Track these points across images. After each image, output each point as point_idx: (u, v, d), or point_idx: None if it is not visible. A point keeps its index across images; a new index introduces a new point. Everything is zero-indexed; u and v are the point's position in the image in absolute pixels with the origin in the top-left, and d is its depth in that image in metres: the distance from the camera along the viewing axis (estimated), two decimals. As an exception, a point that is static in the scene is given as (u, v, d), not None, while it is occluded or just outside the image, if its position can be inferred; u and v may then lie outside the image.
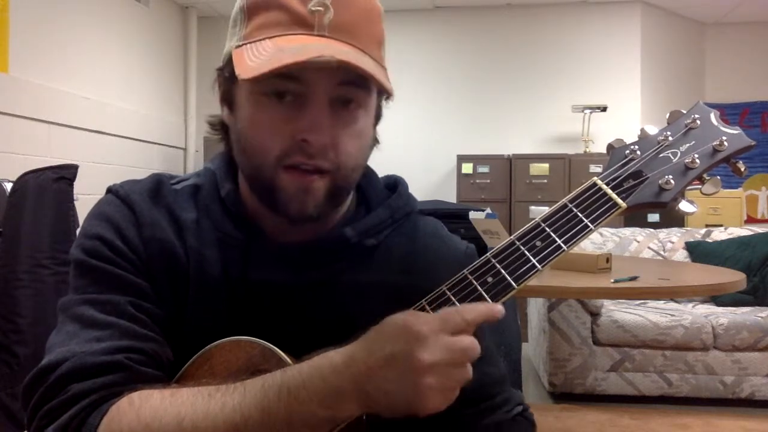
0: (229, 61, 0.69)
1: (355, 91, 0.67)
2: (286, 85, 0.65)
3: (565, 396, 3.19)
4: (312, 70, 0.63)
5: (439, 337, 0.54)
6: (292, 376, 0.58)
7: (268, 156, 0.67)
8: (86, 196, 2.98)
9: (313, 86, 0.65)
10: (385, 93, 0.69)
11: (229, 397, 0.59)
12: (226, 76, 0.71)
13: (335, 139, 0.67)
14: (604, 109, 4.79)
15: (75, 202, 2.17)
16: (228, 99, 0.72)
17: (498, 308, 0.58)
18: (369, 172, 0.82)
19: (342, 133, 0.67)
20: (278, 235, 0.74)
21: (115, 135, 4.24)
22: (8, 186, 2.17)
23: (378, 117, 0.76)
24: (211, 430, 0.57)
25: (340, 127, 0.67)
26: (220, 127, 0.77)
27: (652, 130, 0.66)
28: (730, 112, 5.42)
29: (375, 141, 0.76)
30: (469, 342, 0.55)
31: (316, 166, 0.66)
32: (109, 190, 0.77)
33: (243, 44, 0.67)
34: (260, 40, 0.66)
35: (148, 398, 0.61)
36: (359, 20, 0.67)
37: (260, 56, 0.63)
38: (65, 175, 2.12)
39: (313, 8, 0.64)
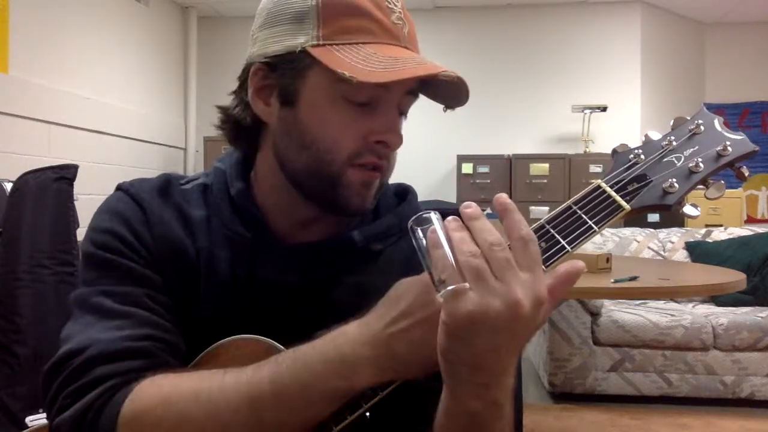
0: (290, 56, 0.69)
1: (411, 100, 0.74)
2: (378, 92, 0.68)
3: (565, 396, 3.20)
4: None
5: None
6: (305, 351, 0.59)
7: (340, 154, 0.69)
8: (86, 196, 2.98)
9: (393, 93, 0.70)
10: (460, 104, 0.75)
11: (243, 374, 0.60)
12: (289, 71, 0.70)
13: None
14: (604, 109, 4.79)
15: (75, 202, 2.17)
16: (286, 94, 0.71)
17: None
18: None
19: None
20: (286, 235, 0.76)
21: (115, 135, 4.25)
22: (8, 186, 2.16)
23: None
24: (225, 403, 0.59)
25: None
26: (251, 122, 0.75)
27: (656, 135, 0.66)
28: (730, 112, 5.43)
29: None
30: None
31: (381, 166, 0.71)
32: (119, 188, 0.77)
33: (327, 44, 0.68)
34: (354, 44, 0.68)
35: (167, 377, 0.63)
36: (414, 32, 0.73)
37: (370, 62, 0.65)
38: (65, 175, 2.12)
39: (396, 21, 0.70)
